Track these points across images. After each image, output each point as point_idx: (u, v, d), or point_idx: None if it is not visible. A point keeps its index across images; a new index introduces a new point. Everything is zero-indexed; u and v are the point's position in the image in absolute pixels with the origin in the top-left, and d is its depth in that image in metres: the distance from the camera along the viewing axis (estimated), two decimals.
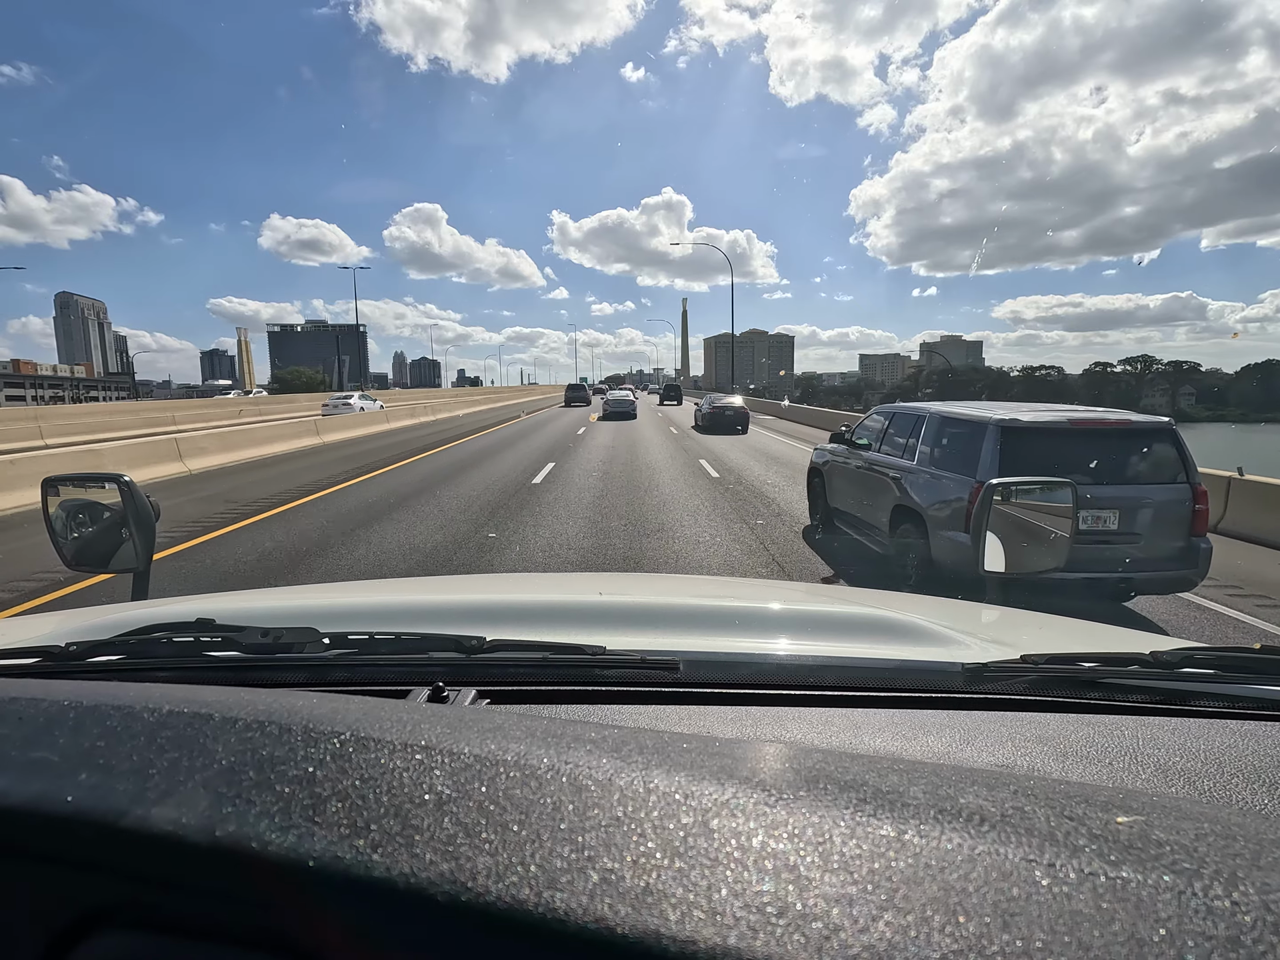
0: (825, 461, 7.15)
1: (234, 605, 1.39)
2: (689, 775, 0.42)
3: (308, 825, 0.38)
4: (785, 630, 1.26)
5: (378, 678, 0.92)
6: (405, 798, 0.40)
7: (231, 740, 0.46)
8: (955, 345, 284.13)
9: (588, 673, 0.93)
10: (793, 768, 0.46)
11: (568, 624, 1.19)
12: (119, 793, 0.42)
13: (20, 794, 0.42)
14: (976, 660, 0.96)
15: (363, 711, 0.51)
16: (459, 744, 0.46)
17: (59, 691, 0.55)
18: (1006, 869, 0.34)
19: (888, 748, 0.79)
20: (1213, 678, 0.94)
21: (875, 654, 1.04)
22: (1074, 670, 0.95)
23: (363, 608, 1.40)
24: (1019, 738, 0.81)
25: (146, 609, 1.29)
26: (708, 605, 1.44)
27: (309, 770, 0.43)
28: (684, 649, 1.01)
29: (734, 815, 0.39)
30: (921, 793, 0.42)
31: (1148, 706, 0.91)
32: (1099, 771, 0.74)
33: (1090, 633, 1.44)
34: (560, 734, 0.49)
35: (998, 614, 1.51)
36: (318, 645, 0.94)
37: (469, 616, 1.26)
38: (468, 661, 0.92)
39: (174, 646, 0.96)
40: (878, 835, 0.37)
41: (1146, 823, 0.40)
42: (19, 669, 0.92)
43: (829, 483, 6.98)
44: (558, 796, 0.40)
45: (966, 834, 0.37)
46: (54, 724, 0.49)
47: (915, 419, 5.57)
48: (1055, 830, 0.38)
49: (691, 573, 5.77)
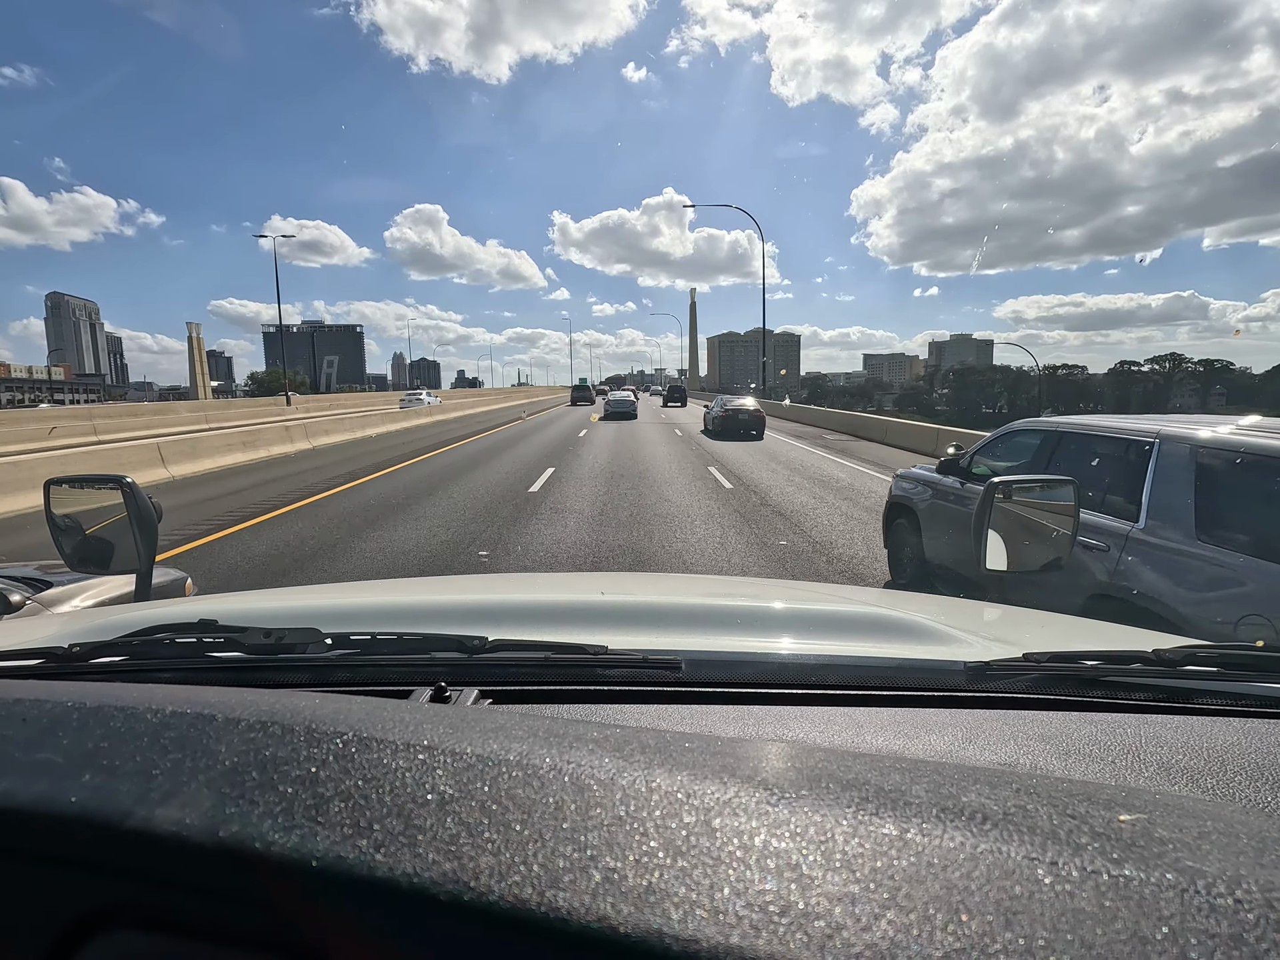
0: (918, 497, 4.96)
1: (237, 606, 1.39)
2: (691, 774, 0.42)
3: (311, 825, 0.38)
4: (787, 629, 1.26)
5: (380, 678, 0.92)
6: (408, 797, 0.40)
7: (234, 741, 0.46)
8: (964, 344, 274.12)
9: (590, 672, 0.93)
10: (795, 767, 0.46)
11: (570, 623, 1.19)
12: (123, 793, 0.42)
13: (24, 795, 0.42)
14: (979, 659, 0.96)
15: (365, 711, 0.51)
16: (461, 744, 0.46)
17: (62, 693, 0.55)
18: (1009, 867, 0.34)
19: (890, 746, 0.79)
20: (1216, 675, 0.94)
21: (877, 653, 1.04)
22: (1076, 668, 0.95)
23: (365, 608, 1.40)
24: (1021, 736, 0.81)
25: (149, 610, 1.30)
26: (710, 604, 1.44)
27: (312, 770, 0.43)
28: (686, 648, 1.01)
29: (736, 814, 0.39)
30: (924, 791, 0.42)
31: (1151, 704, 0.91)
32: (1102, 770, 0.74)
33: (1093, 630, 1.44)
34: (562, 733, 0.49)
35: (1000, 612, 1.51)
36: (320, 646, 0.94)
37: (471, 616, 1.27)
38: (470, 661, 0.92)
39: (177, 647, 0.96)
40: (880, 834, 0.37)
41: (1149, 821, 0.40)
42: (22, 670, 0.92)
43: (927, 528, 4.80)
44: (560, 796, 0.40)
45: (969, 832, 0.37)
46: (58, 725, 0.50)
47: (1127, 447, 3.20)
48: (1058, 828, 0.38)
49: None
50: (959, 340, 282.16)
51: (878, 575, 5.74)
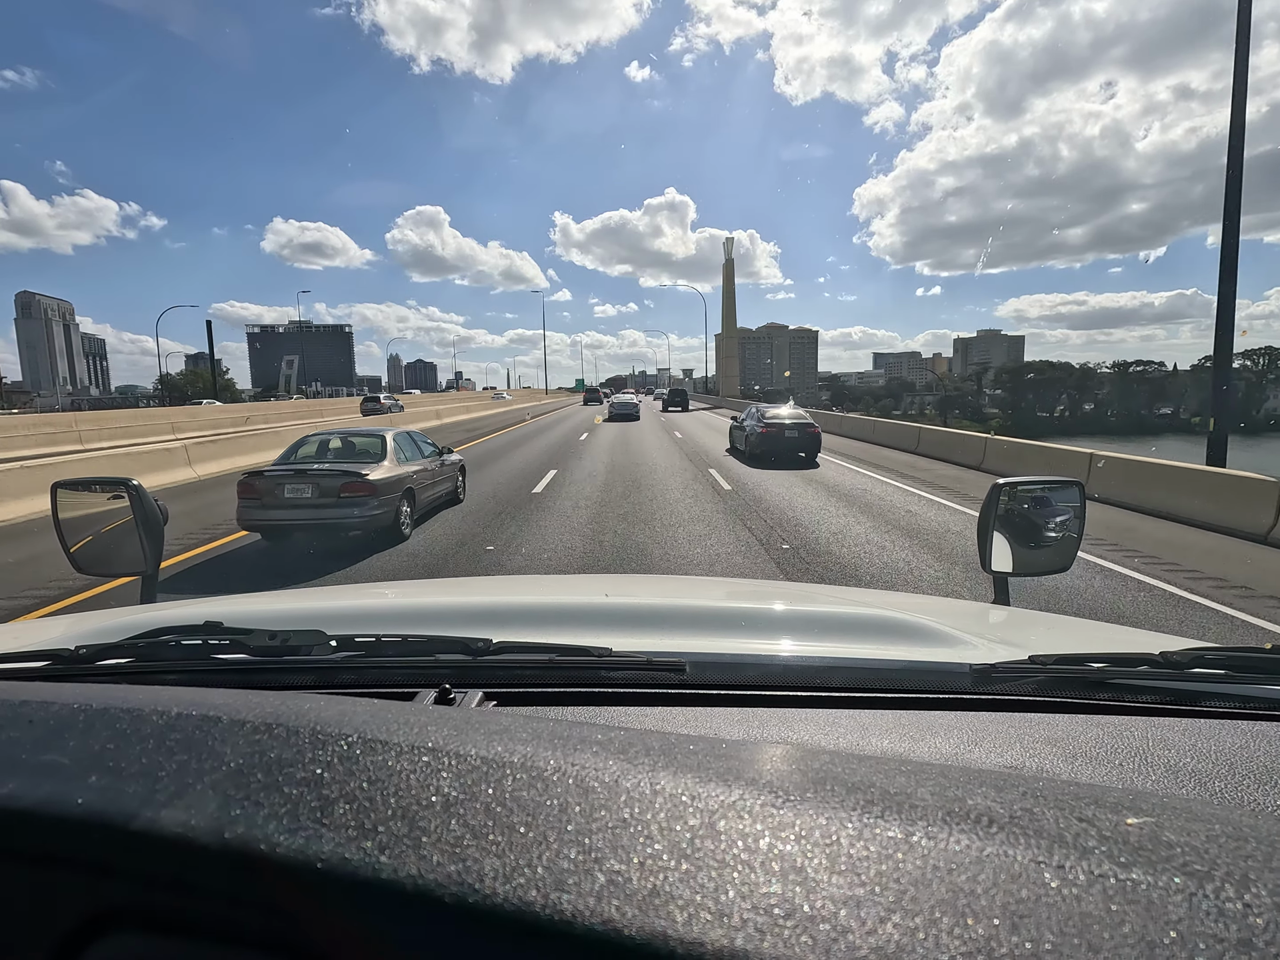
0: None
1: (242, 608, 1.40)
2: (695, 777, 0.42)
3: (316, 827, 0.38)
4: (792, 631, 1.25)
5: (384, 680, 0.92)
6: (412, 800, 0.40)
7: (240, 743, 0.46)
8: (994, 341, 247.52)
9: (594, 674, 0.93)
10: (799, 769, 0.46)
11: (573, 626, 1.19)
12: (128, 795, 0.42)
13: (31, 796, 0.42)
14: (984, 661, 0.95)
15: (370, 714, 0.51)
16: (466, 746, 0.46)
17: (69, 694, 0.55)
18: (1015, 871, 0.34)
19: (895, 749, 0.78)
20: (1223, 678, 0.93)
21: (882, 655, 1.04)
22: (1083, 671, 0.94)
23: (369, 610, 1.40)
24: (1027, 739, 0.81)
25: (155, 612, 1.30)
26: (714, 607, 1.44)
27: (317, 772, 0.43)
28: (690, 650, 1.01)
29: (741, 817, 0.39)
30: (929, 794, 0.42)
31: (1157, 707, 0.91)
32: (1108, 773, 0.74)
33: (1099, 632, 1.43)
34: (566, 736, 0.49)
35: (1005, 614, 1.50)
36: (325, 648, 0.95)
37: (475, 619, 1.27)
38: (474, 664, 0.92)
39: (182, 649, 0.96)
40: (885, 837, 0.37)
41: (1157, 824, 0.39)
42: (29, 672, 0.93)
43: None
44: (564, 798, 0.40)
45: (975, 836, 0.37)
46: (64, 727, 0.50)
47: None
48: (1064, 832, 0.38)
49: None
50: (986, 337, 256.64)
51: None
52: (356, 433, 8.60)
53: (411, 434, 8.80)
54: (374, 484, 7.03)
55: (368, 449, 7.87)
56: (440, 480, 8.91)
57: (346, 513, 6.88)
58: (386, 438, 7.99)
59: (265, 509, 6.95)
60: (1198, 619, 5.08)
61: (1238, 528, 7.72)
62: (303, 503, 6.89)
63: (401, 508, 7.44)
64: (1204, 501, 8.31)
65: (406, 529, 7.56)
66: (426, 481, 8.33)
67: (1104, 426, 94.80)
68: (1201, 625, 4.93)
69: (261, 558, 7.05)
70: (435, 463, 8.75)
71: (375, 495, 7.02)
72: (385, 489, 7.17)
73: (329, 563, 6.45)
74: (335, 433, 8.67)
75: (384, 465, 7.44)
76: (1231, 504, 7.96)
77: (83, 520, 1.63)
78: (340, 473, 7.00)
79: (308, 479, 6.94)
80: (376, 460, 7.50)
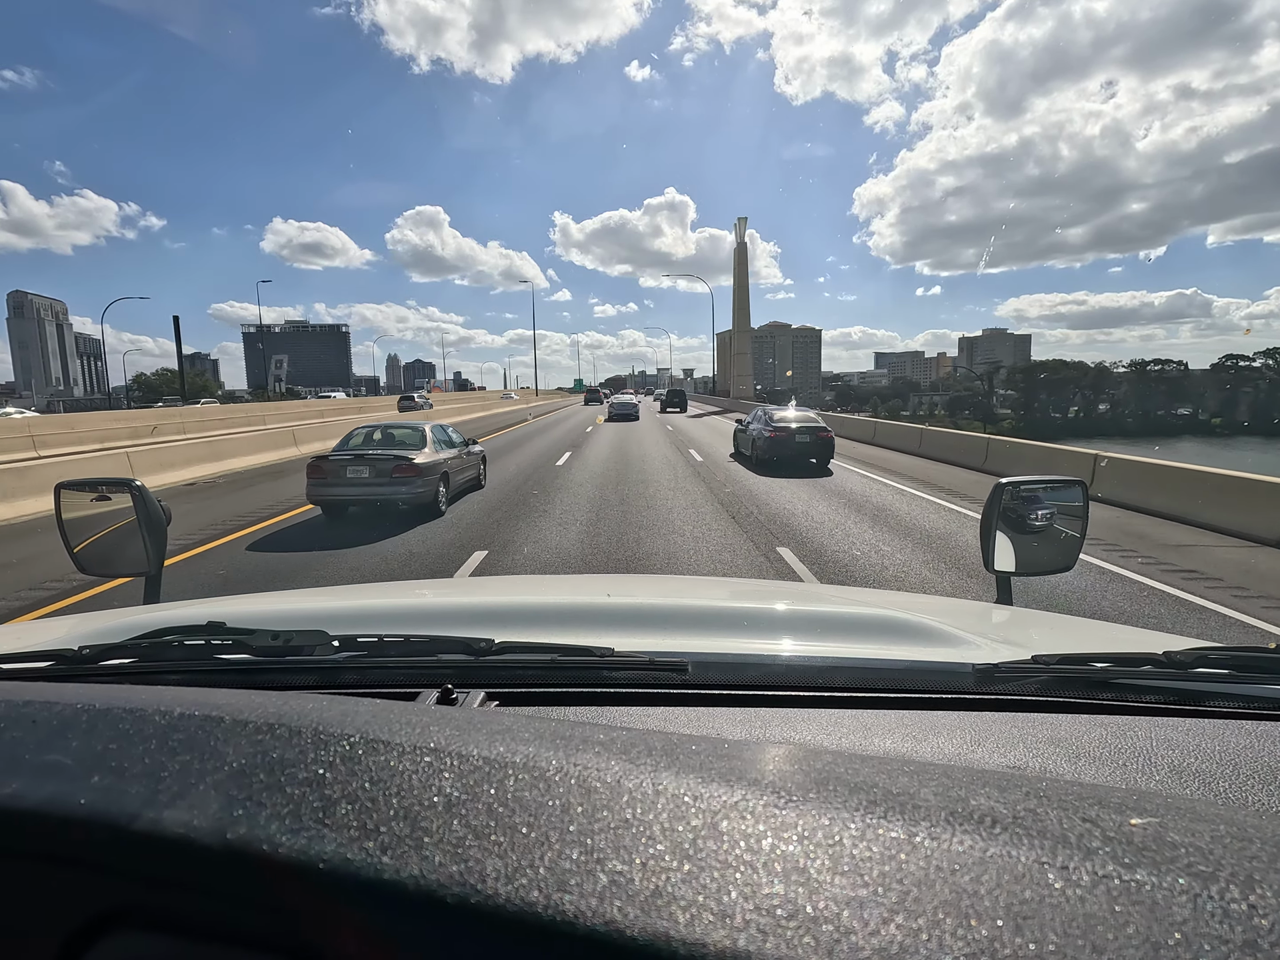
0: None
1: (245, 608, 1.40)
2: (698, 777, 0.42)
3: (318, 827, 0.38)
4: (794, 631, 1.25)
5: (387, 680, 0.92)
6: (415, 800, 0.40)
7: (242, 743, 0.46)
8: (1000, 340, 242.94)
9: (596, 675, 0.93)
10: (802, 769, 0.46)
11: (576, 626, 1.19)
12: (131, 795, 0.42)
13: (34, 796, 0.42)
14: (987, 661, 0.95)
15: (372, 714, 0.51)
16: (468, 746, 0.46)
17: (72, 695, 0.56)
18: (1019, 871, 0.34)
19: (898, 749, 0.78)
20: (1227, 678, 0.93)
21: (885, 655, 1.04)
22: (1086, 671, 0.94)
23: (372, 610, 1.40)
24: (1031, 739, 0.80)
25: (158, 612, 1.30)
26: (716, 606, 1.44)
27: (319, 773, 0.43)
28: (692, 650, 1.01)
29: (743, 817, 0.39)
30: (932, 794, 0.42)
31: (1161, 707, 0.91)
32: (1112, 773, 0.73)
33: (1102, 632, 1.43)
34: (569, 736, 0.49)
35: (1008, 614, 1.50)
36: (327, 648, 0.95)
37: (477, 619, 1.27)
38: (476, 664, 0.92)
39: (185, 649, 0.97)
40: (888, 837, 0.37)
41: (1161, 825, 0.39)
42: (32, 672, 0.93)
43: None
44: (567, 799, 0.40)
45: (978, 836, 0.37)
46: (67, 727, 0.50)
47: None
48: (1068, 832, 0.37)
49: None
50: (991, 336, 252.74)
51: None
52: (398, 425, 10.03)
53: (444, 426, 10.30)
54: (419, 466, 8.36)
55: (408, 438, 9.21)
56: (467, 467, 10.29)
57: (397, 490, 8.23)
58: (425, 429, 9.39)
59: (330, 486, 8.32)
60: (1198, 619, 5.10)
61: (1248, 531, 7.60)
62: (361, 481, 8.25)
63: (439, 488, 8.79)
64: (1212, 504, 8.15)
65: (443, 505, 8.90)
66: (458, 467, 9.74)
67: (1121, 428, 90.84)
68: (1202, 624, 4.91)
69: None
70: (464, 451, 10.18)
71: (420, 476, 8.36)
72: (427, 471, 8.54)
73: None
74: (379, 425, 10.05)
75: (425, 451, 8.81)
76: (1242, 507, 7.82)
77: (86, 521, 1.63)
78: (393, 457, 8.34)
79: (365, 461, 8.30)
80: (418, 448, 8.85)
